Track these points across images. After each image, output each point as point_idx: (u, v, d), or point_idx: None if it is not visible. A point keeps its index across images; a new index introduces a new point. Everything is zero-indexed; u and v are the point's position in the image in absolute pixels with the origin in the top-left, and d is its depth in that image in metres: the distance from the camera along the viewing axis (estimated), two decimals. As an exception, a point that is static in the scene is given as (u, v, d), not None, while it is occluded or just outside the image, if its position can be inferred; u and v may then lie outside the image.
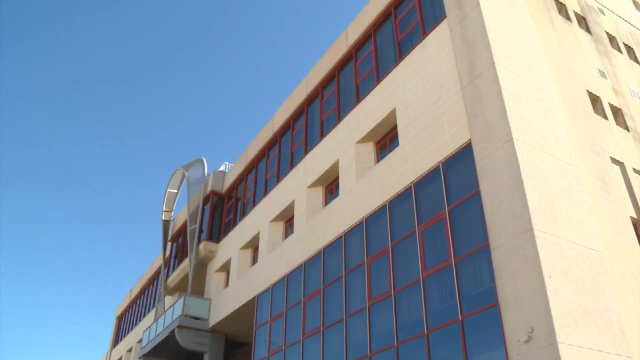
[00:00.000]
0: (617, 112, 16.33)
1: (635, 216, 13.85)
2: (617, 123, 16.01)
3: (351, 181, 17.19)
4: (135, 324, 39.45)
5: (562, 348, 9.66)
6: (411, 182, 14.45)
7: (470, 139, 13.00)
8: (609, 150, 14.63)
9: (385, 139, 17.16)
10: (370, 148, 17.54)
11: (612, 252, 12.27)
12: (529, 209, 10.98)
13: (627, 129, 16.04)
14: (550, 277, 10.37)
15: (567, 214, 11.71)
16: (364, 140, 17.51)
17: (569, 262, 10.95)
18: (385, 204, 15.23)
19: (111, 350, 45.58)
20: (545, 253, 10.63)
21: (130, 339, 39.50)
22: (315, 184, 19.73)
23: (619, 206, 13.55)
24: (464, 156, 13.13)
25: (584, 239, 11.65)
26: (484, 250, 11.76)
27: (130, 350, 38.82)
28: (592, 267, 11.36)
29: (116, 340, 45.24)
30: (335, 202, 17.84)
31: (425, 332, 12.64)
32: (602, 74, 16.93)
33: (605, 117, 15.61)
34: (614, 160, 14.57)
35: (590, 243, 11.71)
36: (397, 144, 15.89)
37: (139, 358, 30.20)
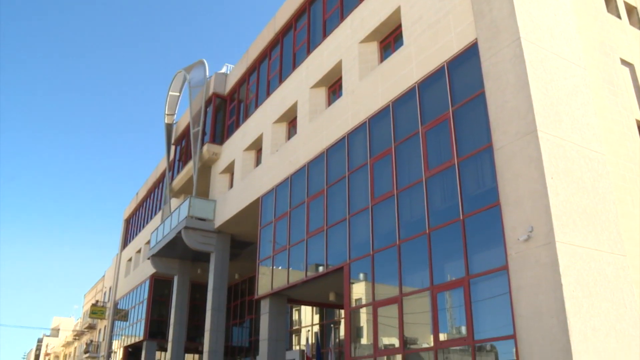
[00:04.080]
0: (631, 11, 15.79)
1: (640, 118, 13.73)
2: (631, 22, 15.53)
3: (354, 81, 16.95)
4: (143, 226, 40.31)
5: (559, 247, 9.87)
6: (415, 82, 14.24)
7: (476, 38, 12.66)
8: (620, 51, 14.27)
9: (389, 38, 16.75)
10: (374, 48, 17.16)
11: (615, 155, 12.27)
12: (534, 109, 10.87)
13: (640, 29, 15.58)
14: (552, 178, 10.43)
15: (572, 116, 11.61)
16: (367, 39, 17.10)
17: (571, 164, 10.98)
18: (389, 105, 15.10)
19: (121, 252, 46.85)
20: (548, 154, 10.63)
21: (138, 241, 40.50)
22: (318, 85, 19.48)
23: (624, 108, 13.41)
24: (469, 56, 12.85)
25: (587, 141, 11.61)
26: (487, 150, 11.77)
27: (139, 251, 39.90)
28: (593, 169, 11.41)
29: (125, 243, 46.39)
30: (338, 103, 17.68)
31: (427, 231, 12.89)
32: (618, -31, 16.22)
33: (619, 16, 15.12)
34: (623, 62, 14.25)
35: (593, 145, 11.69)
36: (401, 44, 15.51)
37: (148, 259, 31.11)
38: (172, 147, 33.66)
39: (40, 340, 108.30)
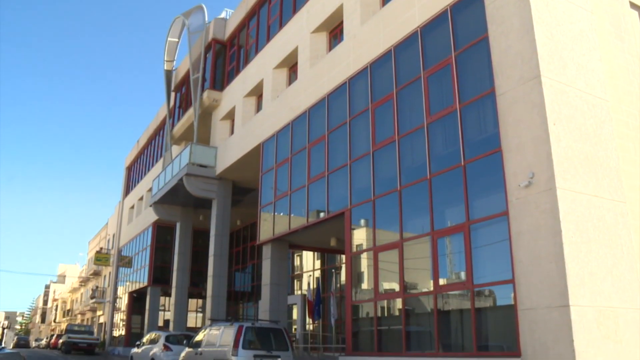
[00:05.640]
0: (642, -49, 15.32)
1: (646, 64, 13.51)
2: (641, -37, 15.09)
3: (356, 26, 16.65)
4: (144, 174, 40.38)
5: (560, 193, 9.90)
6: (417, 27, 13.97)
7: (481, -19, 12.37)
8: (629, -7, 13.92)
9: (392, -19, 16.36)
10: (376, -9, 16.79)
11: (619, 101, 12.15)
12: (538, 54, 10.72)
13: (651, -31, 15.13)
14: (554, 124, 10.37)
15: (577, 61, 11.45)
16: (370, -18, 16.71)
17: (574, 110, 10.90)
18: (391, 49, 14.86)
19: (123, 199, 47.10)
20: (551, 100, 10.55)
21: (140, 189, 40.66)
22: (318, 29, 19.15)
23: (631, 54, 13.18)
24: (473, -1, 12.57)
25: (591, 87, 11.49)
26: (489, 96, 11.65)
27: (141, 199, 40.09)
28: (596, 116, 11.32)
29: (127, 190, 46.57)
30: (339, 48, 17.42)
31: (428, 177, 12.90)
32: None
33: (629, -43, 14.68)
34: (632, 5, 13.89)
35: (597, 91, 11.57)
36: (404, -14, 15.16)
37: (150, 206, 31.29)
38: (172, 94, 33.39)
39: (47, 287, 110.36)
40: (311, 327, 24.45)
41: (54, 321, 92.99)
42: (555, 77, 10.82)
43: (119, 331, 42.54)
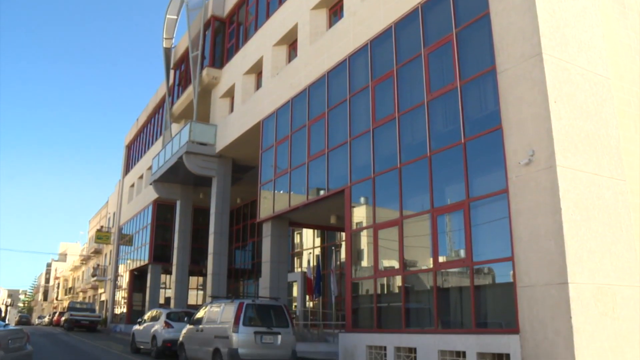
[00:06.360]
0: None
1: (649, 42, 13.41)
2: (646, -63, 14.89)
3: (356, 2, 16.49)
4: (144, 152, 40.30)
5: (560, 171, 9.89)
6: (418, 3, 13.84)
7: (482, -43, 12.22)
8: (632, -31, 13.76)
9: (393, -43, 16.18)
10: (377, -33, 16.60)
11: (620, 79, 12.08)
12: (540, 31, 10.63)
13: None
14: (555, 102, 10.33)
15: (579, 39, 11.36)
16: (370, -42, 16.52)
17: (575, 88, 10.84)
18: (391, 26, 14.74)
19: (123, 178, 47.09)
20: (552, 78, 10.49)
21: (140, 167, 40.62)
22: (318, 6, 18.98)
23: (634, 31, 13.08)
24: (475, -25, 12.43)
25: (593, 65, 11.42)
26: (490, 73, 11.59)
27: (141, 177, 40.08)
28: (598, 94, 11.27)
29: (127, 169, 46.53)
30: (339, 25, 17.28)
31: (428, 155, 12.88)
32: None
33: None
34: (635, -19, 13.77)
35: (599, 69, 11.50)
36: (405, -38, 14.99)
37: (150, 184, 31.29)
38: (172, 72, 33.19)
39: (49, 265, 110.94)
40: (311, 304, 24.61)
41: (56, 299, 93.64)
42: (557, 54, 10.75)
43: (121, 309, 42.84)
